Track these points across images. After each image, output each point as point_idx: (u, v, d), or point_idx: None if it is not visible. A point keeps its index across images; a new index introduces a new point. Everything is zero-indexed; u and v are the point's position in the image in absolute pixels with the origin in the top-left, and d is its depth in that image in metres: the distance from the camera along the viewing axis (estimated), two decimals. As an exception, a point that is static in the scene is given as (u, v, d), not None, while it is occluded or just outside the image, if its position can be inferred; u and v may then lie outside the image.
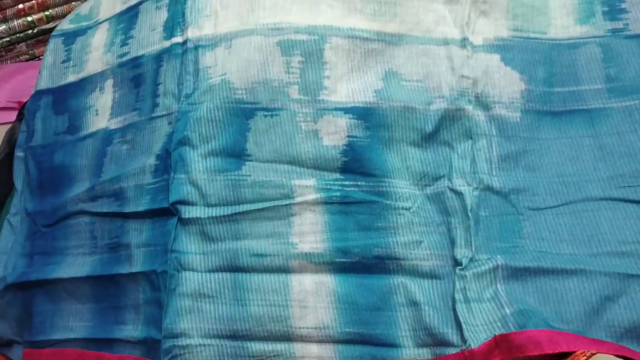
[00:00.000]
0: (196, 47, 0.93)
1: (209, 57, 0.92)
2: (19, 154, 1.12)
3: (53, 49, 1.14)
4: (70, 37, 1.13)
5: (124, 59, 1.02)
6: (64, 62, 1.11)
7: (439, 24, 0.91)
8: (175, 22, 0.98)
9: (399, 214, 0.83)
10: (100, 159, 0.99)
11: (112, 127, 1.00)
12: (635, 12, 0.91)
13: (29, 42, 1.68)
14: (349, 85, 0.88)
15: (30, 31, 1.65)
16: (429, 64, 0.89)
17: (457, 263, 0.79)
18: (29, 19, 1.62)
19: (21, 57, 1.71)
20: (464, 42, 0.90)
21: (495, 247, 0.81)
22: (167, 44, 0.97)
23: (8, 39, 1.64)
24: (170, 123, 0.92)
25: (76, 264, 0.96)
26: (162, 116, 0.93)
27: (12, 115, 1.44)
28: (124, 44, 1.03)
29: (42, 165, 1.06)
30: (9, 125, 1.34)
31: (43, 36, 1.68)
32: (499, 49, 0.90)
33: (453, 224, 0.82)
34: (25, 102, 1.20)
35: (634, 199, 0.80)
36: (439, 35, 0.91)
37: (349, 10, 0.91)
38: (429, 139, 0.87)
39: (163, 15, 1.00)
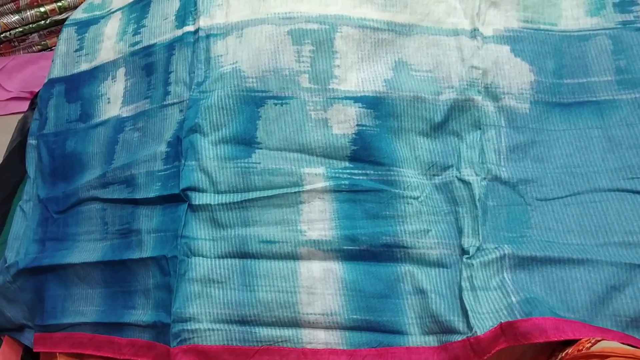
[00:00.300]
0: (208, 36, 0.94)
1: (221, 45, 0.93)
2: (31, 141, 1.13)
3: (66, 38, 1.15)
4: (83, 26, 1.14)
5: (136, 47, 1.03)
6: (76, 50, 1.12)
7: (450, 15, 0.92)
8: (187, 11, 0.99)
9: (407, 203, 0.84)
10: (112, 146, 1.00)
11: (124, 115, 1.01)
12: (647, 4, 0.91)
13: (41, 32, 1.70)
14: (359, 74, 0.89)
15: (42, 22, 1.67)
16: (439, 55, 0.90)
17: (464, 252, 0.80)
18: (42, 9, 1.64)
19: (34, 48, 1.73)
20: (474, 33, 0.90)
21: (503, 236, 0.81)
22: (179, 32, 0.98)
23: (21, 29, 1.65)
24: (181, 111, 0.93)
25: (87, 250, 0.97)
26: (174, 104, 0.95)
27: (25, 105, 1.46)
28: (136, 33, 1.05)
29: (54, 153, 1.08)
30: (22, 115, 1.36)
31: (55, 27, 1.69)
32: (509, 40, 0.91)
33: (461, 213, 0.83)
34: (38, 92, 1.21)
35: (642, 190, 0.81)
36: (450, 26, 0.91)
37: (360, 0, 0.91)
38: (437, 129, 0.87)
39: (175, 4, 1.01)
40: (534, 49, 0.91)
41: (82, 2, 1.67)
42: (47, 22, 1.66)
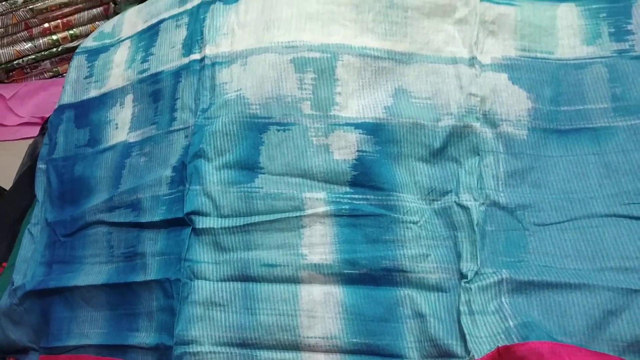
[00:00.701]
0: (213, 64, 0.97)
1: (225, 73, 0.95)
2: (41, 166, 1.16)
3: (76, 66, 1.18)
4: (93, 54, 1.18)
5: (144, 75, 1.06)
6: (86, 77, 1.15)
7: (448, 44, 0.94)
8: (193, 40, 1.01)
9: (407, 228, 0.85)
10: (119, 170, 1.02)
11: (131, 140, 1.03)
12: (642, 33, 0.93)
13: (53, 59, 1.74)
14: (360, 101, 0.91)
15: (54, 49, 1.71)
16: (438, 82, 0.92)
17: (462, 276, 0.81)
18: (54, 37, 1.68)
19: (45, 75, 1.77)
20: (472, 61, 0.92)
21: (501, 261, 0.82)
22: (185, 60, 1.01)
23: (33, 56, 1.70)
24: (186, 136, 0.95)
25: (93, 273, 0.99)
26: (179, 130, 0.97)
27: (35, 130, 1.49)
28: (144, 60, 1.07)
29: (63, 177, 1.10)
30: (32, 140, 1.39)
31: (67, 54, 1.74)
32: (506, 68, 0.93)
33: (459, 238, 0.84)
34: (48, 117, 1.24)
35: (638, 216, 0.81)
36: (448, 54, 0.93)
37: (361, 29, 0.94)
38: (437, 154, 0.89)
39: (182, 33, 1.04)
40: (532, 76, 0.92)
41: (93, 30, 1.72)
42: (59, 49, 1.71)
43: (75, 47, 1.61)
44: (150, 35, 1.10)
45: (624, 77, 0.90)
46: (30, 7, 1.60)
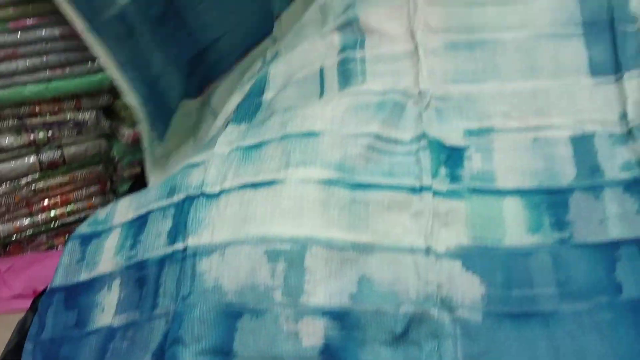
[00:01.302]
0: (194, 254, 1.05)
1: (205, 263, 1.03)
2: (28, 347, 1.20)
3: (70, 251, 1.27)
4: (86, 239, 1.27)
5: (132, 261, 1.14)
6: (78, 262, 1.24)
7: (406, 235, 1.03)
8: (178, 230, 1.11)
9: (371, 411, 0.89)
10: (102, 354, 1.07)
11: (116, 324, 1.09)
12: (579, 223, 1.02)
13: (49, 233, 1.84)
14: (327, 289, 0.97)
15: (52, 224, 1.81)
16: (398, 270, 0.99)
17: None
18: (52, 214, 1.79)
19: (41, 248, 1.85)
20: (428, 251, 1.00)
21: None
22: (169, 249, 1.09)
23: (31, 231, 1.80)
24: (166, 322, 1.01)
25: None
26: (160, 315, 1.03)
27: (27, 302, 1.53)
28: (132, 247, 1.16)
29: (48, 359, 1.14)
30: (22, 314, 1.44)
31: (62, 228, 1.84)
32: (460, 256, 1.00)
33: None
34: (40, 293, 1.31)
35: (586, 397, 0.86)
36: (406, 244, 1.01)
37: (328, 223, 1.03)
38: (399, 339, 0.94)
39: (168, 224, 1.14)
40: (483, 263, 1.00)
41: (89, 206, 1.84)
42: (56, 224, 1.81)
43: (71, 222, 1.72)
44: (139, 224, 1.19)
45: (566, 264, 0.98)
46: (33, 187, 1.73)
